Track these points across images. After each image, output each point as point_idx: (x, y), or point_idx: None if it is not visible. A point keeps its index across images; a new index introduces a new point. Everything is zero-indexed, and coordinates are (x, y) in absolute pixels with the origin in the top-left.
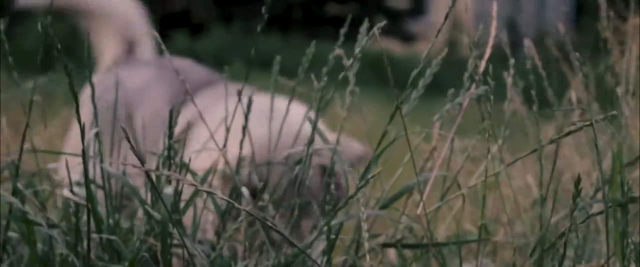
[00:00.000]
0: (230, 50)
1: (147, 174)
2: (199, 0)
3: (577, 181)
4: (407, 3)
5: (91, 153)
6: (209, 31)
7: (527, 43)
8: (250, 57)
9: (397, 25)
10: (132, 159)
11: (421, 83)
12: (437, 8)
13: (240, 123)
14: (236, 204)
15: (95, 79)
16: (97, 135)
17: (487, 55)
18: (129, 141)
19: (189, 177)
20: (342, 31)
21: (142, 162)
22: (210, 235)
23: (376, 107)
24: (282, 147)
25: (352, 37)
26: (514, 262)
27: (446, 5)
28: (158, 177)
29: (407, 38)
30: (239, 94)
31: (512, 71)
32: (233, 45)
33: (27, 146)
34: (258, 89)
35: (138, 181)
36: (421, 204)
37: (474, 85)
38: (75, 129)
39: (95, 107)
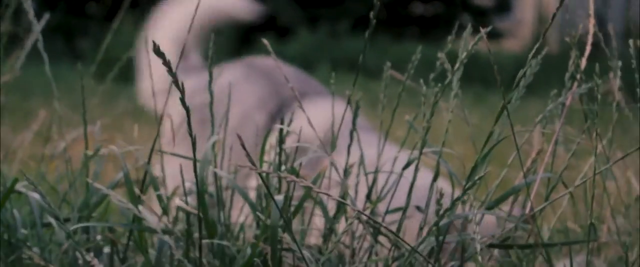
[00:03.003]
0: (316, 52)
1: (261, 176)
2: (285, 4)
3: None
4: (492, 0)
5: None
6: (295, 34)
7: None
8: (336, 60)
9: (483, 23)
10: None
11: (522, 84)
12: (522, 4)
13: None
14: (349, 204)
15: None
16: (213, 144)
17: (587, 53)
18: (243, 147)
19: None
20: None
21: (255, 164)
22: (317, 240)
23: (465, 105)
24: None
25: (437, 36)
26: (626, 261)
27: (532, 1)
28: (266, 181)
29: (493, 35)
30: (349, 101)
31: (619, 72)
32: (319, 47)
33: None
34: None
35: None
36: (529, 204)
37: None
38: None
39: (212, 116)
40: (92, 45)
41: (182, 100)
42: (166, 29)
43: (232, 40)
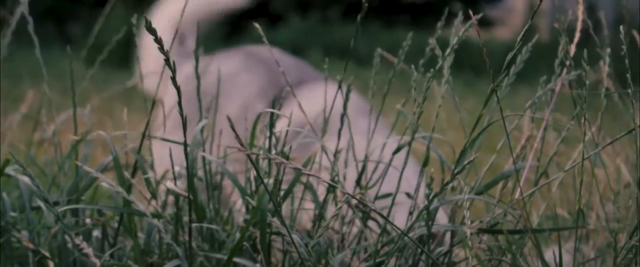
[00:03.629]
0: (307, 39)
1: (250, 158)
2: None
3: None
4: None
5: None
6: (286, 21)
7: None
8: (327, 46)
9: (474, 11)
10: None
11: (512, 70)
12: None
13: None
14: (339, 187)
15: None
16: (201, 127)
17: (576, 40)
18: (234, 130)
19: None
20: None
21: (244, 147)
22: (307, 224)
23: (455, 92)
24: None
25: (428, 23)
26: (615, 247)
27: None
28: (256, 166)
29: (484, 23)
30: (340, 86)
31: (607, 59)
32: (310, 34)
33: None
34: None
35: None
36: (518, 190)
37: (564, 71)
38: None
39: (200, 100)
40: (82, 30)
41: (173, 79)
42: (164, 13)
43: (223, 27)
